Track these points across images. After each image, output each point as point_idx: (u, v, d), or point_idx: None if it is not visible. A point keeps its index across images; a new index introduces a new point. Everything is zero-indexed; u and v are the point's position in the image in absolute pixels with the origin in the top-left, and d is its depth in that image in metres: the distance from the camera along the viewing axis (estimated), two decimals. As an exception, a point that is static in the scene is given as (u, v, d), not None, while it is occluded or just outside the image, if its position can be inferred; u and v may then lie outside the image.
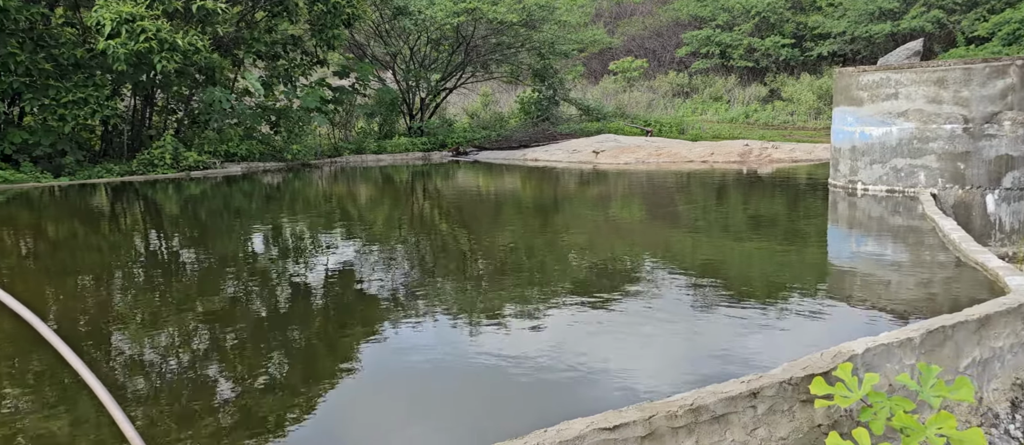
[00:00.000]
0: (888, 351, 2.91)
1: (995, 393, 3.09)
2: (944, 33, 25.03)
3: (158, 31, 12.31)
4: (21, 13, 11.85)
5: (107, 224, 9.20)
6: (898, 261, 6.35)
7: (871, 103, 7.95)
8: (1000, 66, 7.02)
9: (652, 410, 2.52)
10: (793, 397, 2.69)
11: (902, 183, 7.73)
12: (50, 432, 3.06)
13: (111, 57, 12.37)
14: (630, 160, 16.07)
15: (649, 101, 27.66)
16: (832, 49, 27.65)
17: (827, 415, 2.71)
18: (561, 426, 2.46)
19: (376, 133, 20.63)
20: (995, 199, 7.16)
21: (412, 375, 3.78)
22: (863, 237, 7.43)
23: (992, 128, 7.09)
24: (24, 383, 3.65)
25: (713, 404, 2.57)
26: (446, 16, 18.21)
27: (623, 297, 5.13)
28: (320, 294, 5.45)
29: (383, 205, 11.29)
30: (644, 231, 8.48)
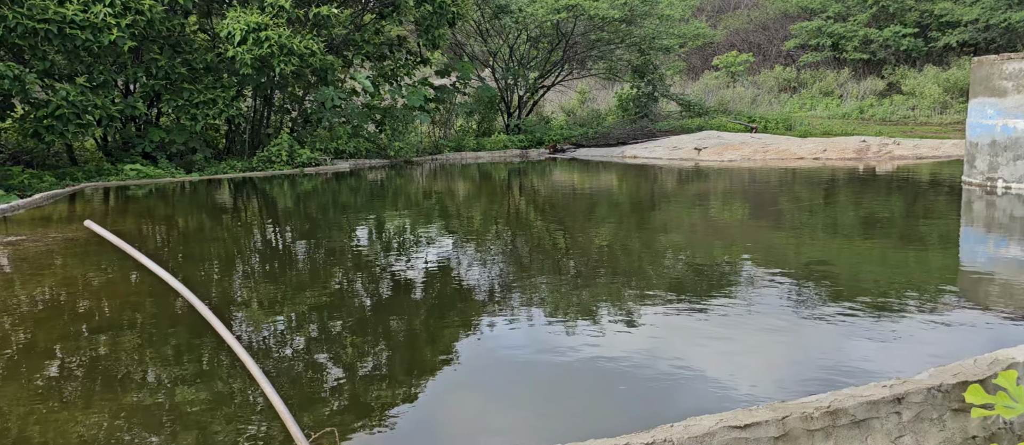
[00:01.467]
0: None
1: None
2: (1097, 17, 22.52)
3: (279, 38, 13.10)
4: (164, 24, 12.92)
5: (229, 217, 9.87)
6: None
7: (1017, 93, 7.28)
8: None
9: (786, 410, 2.41)
10: (944, 405, 2.49)
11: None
12: (200, 402, 3.31)
13: (239, 62, 13.28)
14: (735, 157, 15.49)
15: (753, 97, 26.56)
16: (962, 38, 25.49)
17: (983, 426, 2.50)
18: (689, 421, 2.39)
19: (475, 131, 20.98)
20: None
21: (508, 369, 3.80)
22: (1004, 239, 6.82)
23: None
24: (181, 359, 3.96)
25: (853, 407, 2.42)
26: (547, 13, 18.25)
27: (722, 299, 4.93)
28: (421, 287, 5.59)
29: (481, 201, 11.46)
30: (747, 231, 8.14)
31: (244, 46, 13.11)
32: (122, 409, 3.23)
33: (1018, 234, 7.03)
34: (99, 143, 14.36)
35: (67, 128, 11.81)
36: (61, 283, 5.61)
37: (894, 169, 13.17)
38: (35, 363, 3.84)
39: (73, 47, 11.68)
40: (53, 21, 11.27)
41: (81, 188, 11.80)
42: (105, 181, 12.43)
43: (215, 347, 4.04)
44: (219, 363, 3.84)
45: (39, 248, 6.92)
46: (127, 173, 12.87)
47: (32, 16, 11.11)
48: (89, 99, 11.88)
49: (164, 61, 13.20)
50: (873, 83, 26.31)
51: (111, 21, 11.64)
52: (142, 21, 12.15)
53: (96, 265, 6.26)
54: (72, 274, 5.98)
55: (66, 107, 11.63)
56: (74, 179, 12.25)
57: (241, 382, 3.54)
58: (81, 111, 11.82)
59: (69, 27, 11.39)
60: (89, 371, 3.74)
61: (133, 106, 13.10)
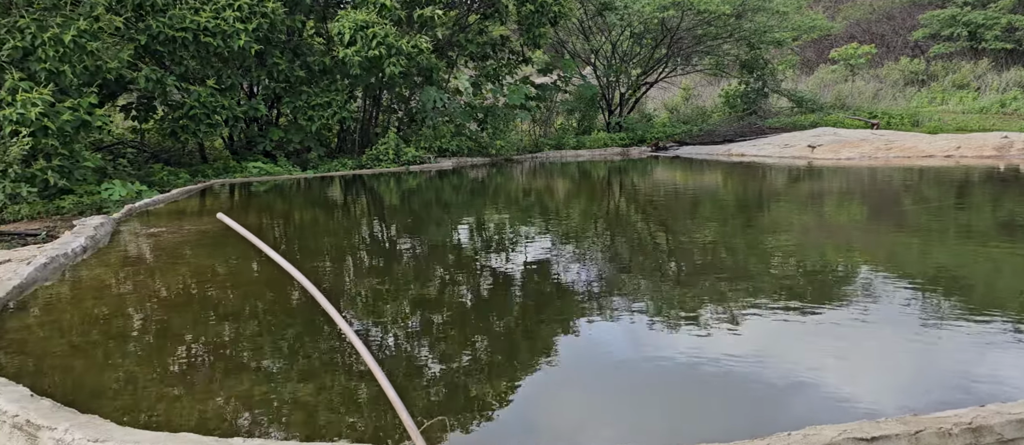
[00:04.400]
0: None
1: None
2: None
3: (387, 36, 13.58)
4: (284, 23, 13.76)
5: (341, 211, 10.34)
6: None
7: None
8: None
9: (919, 424, 2.21)
10: (1109, 429, 2.20)
11: None
12: (314, 389, 3.47)
13: (348, 63, 13.91)
14: (853, 155, 14.53)
15: (875, 91, 24.83)
16: (1125, 22, 22.65)
17: None
18: (808, 430, 2.25)
19: (575, 129, 20.88)
20: None
21: (608, 369, 3.73)
22: None
23: None
24: (299, 347, 4.18)
25: (999, 425, 2.19)
26: (653, 10, 17.87)
27: (836, 305, 4.61)
28: (519, 284, 5.61)
29: (580, 200, 11.38)
30: (866, 234, 7.59)
31: (354, 47, 13.70)
32: (240, 393, 3.44)
33: None
34: (226, 142, 15.48)
35: (199, 128, 12.80)
36: (194, 272, 6.08)
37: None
38: (166, 345, 4.17)
39: (206, 52, 12.64)
40: (189, 29, 12.24)
41: (210, 184, 12.76)
42: (231, 178, 13.37)
43: (331, 335, 4.23)
44: (335, 351, 4.02)
45: (176, 239, 7.53)
46: (250, 170, 13.79)
47: (172, 25, 12.12)
48: (218, 101, 12.82)
49: (284, 65, 14.04)
50: (1017, 74, 23.89)
51: (239, 26, 12.48)
52: (265, 23, 12.94)
53: (225, 255, 6.74)
54: (204, 263, 6.47)
55: (198, 108, 12.60)
56: (205, 175, 13.26)
57: (356, 371, 3.69)
58: (210, 112, 12.77)
59: (203, 34, 12.34)
60: (214, 355, 4.02)
61: (256, 107, 14.02)
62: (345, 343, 4.03)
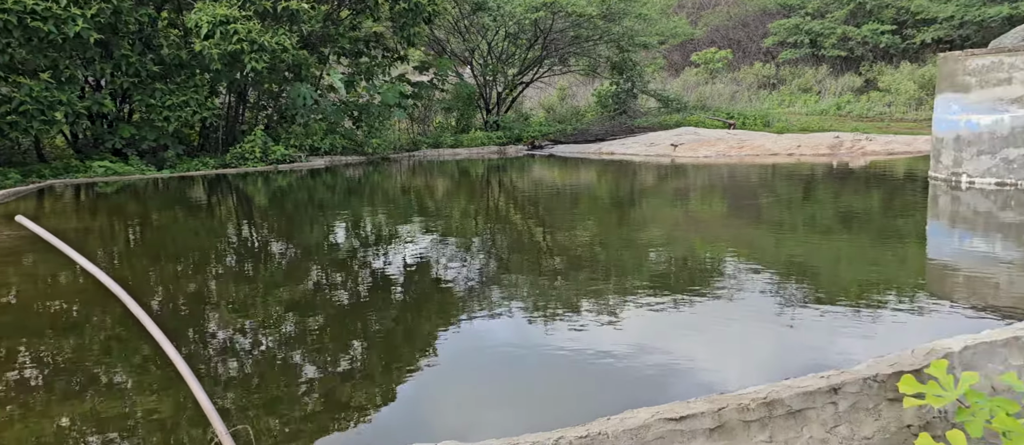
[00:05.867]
0: (991, 350, 2.66)
1: (1119, 401, 2.76)
2: (1067, 15, 22.85)
3: (248, 33, 12.92)
4: (131, 15, 12.70)
5: (200, 214, 9.73)
6: (1009, 259, 5.84)
7: (980, 89, 7.35)
8: None
9: (722, 402, 2.40)
10: (879, 395, 2.50)
11: (1015, 175, 7.12)
12: (131, 409, 3.24)
13: (207, 57, 13.10)
14: (710, 153, 15.56)
15: (732, 93, 26.72)
16: (937, 35, 25.80)
17: (918, 415, 2.50)
18: (625, 414, 2.38)
19: (453, 127, 20.90)
20: (1124, 193, 6.47)
21: (489, 365, 3.79)
22: (968, 234, 6.89)
23: (1122, 114, 6.41)
24: (112, 361, 3.88)
25: (789, 398, 2.42)
26: (525, 11, 18.20)
27: (704, 294, 4.95)
28: (398, 284, 5.55)
29: (459, 198, 11.41)
30: (724, 227, 8.17)
31: (211, 40, 12.92)
32: (45, 411, 3.15)
33: (981, 228, 7.11)
34: (68, 139, 14.12)
35: (31, 124, 11.58)
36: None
37: (866, 165, 13.29)
38: (-24, 362, 3.75)
39: (37, 40, 11.42)
40: (12, 11, 10.95)
41: (50, 184, 11.59)
42: (73, 178, 12.22)
43: (145, 342, 3.96)
44: (148, 360, 3.77)
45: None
46: (95, 170, 12.67)
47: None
48: (54, 95, 11.65)
49: (134, 58, 12.99)
50: (850, 80, 26.56)
51: (75, 12, 11.36)
52: (108, 9, 11.89)
53: (35, 263, 6.14)
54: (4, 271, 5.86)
55: (30, 103, 11.39)
56: (41, 176, 12.03)
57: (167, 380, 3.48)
58: (46, 107, 11.59)
59: (30, 18, 11.10)
60: (10, 370, 3.65)
61: (101, 102, 12.88)
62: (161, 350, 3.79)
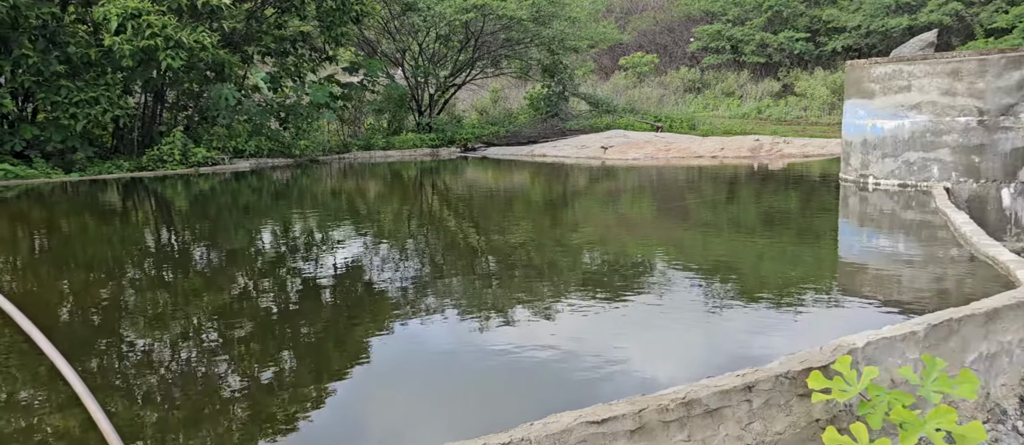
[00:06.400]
0: (890, 345, 2.82)
1: (1003, 389, 2.98)
2: (962, 26, 24.64)
3: (164, 28, 12.34)
4: (32, 11, 11.92)
5: (114, 219, 9.23)
6: (910, 256, 6.22)
7: (883, 96, 7.80)
8: (1016, 56, 6.86)
9: (643, 403, 2.45)
10: (790, 391, 2.61)
11: (915, 177, 7.59)
12: (26, 429, 3.04)
13: (117, 54, 12.43)
14: (638, 156, 15.94)
15: (660, 97, 27.46)
16: (846, 43, 27.29)
17: (826, 410, 2.63)
18: (549, 419, 2.39)
19: (385, 129, 20.63)
20: (1011, 193, 7.00)
21: (423, 370, 3.75)
22: (875, 232, 7.29)
23: (1008, 120, 6.93)
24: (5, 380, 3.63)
25: (706, 397, 2.49)
26: (455, 12, 18.15)
27: (636, 293, 5.07)
28: (329, 289, 5.42)
29: (391, 201, 11.26)
30: (654, 227, 8.38)
31: (123, 35, 12.27)
32: (-54, 435, 2.92)
33: (886, 227, 7.56)
34: (-36, 142, 13.15)
35: (-82, 125, 10.71)
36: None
37: (784, 167, 13.92)
38: None
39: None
40: None
41: (-60, 191, 10.75)
42: (-32, 183, 11.38)
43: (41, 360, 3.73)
44: (41, 378, 3.55)
45: None
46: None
47: None
48: (-54, 94, 10.82)
49: (35, 56, 12.19)
50: (769, 85, 27.76)
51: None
52: (4, 7, 11.14)
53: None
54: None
55: (-82, 102, 10.54)
56: (-69, 181, 11.15)
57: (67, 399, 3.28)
58: (-64, 107, 10.75)
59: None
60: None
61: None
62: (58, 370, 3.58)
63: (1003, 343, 3.07)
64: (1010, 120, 6.91)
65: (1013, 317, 3.13)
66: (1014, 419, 2.81)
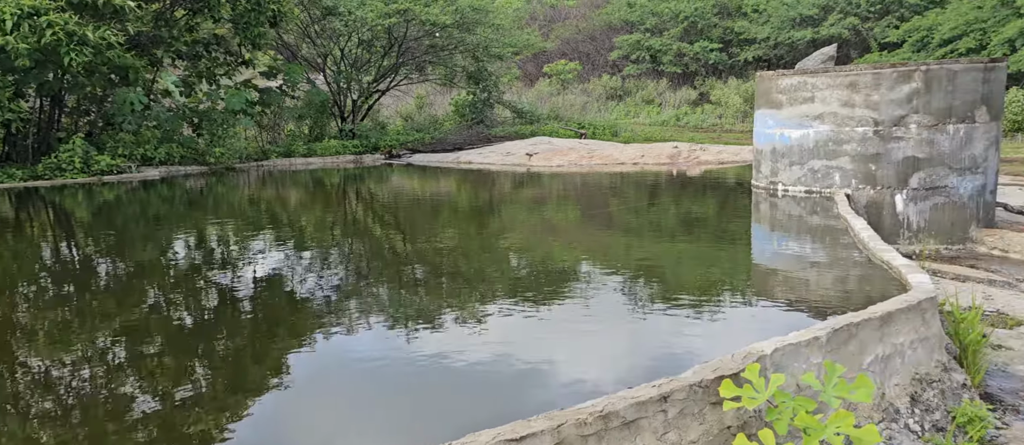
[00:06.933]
0: (796, 350, 2.94)
1: (896, 388, 3.18)
2: (859, 39, 26.31)
3: (66, 23, 11.57)
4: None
5: (4, 232, 8.56)
6: (817, 260, 6.55)
7: (790, 106, 8.20)
8: (906, 71, 7.35)
9: (561, 418, 2.46)
10: (703, 400, 2.68)
11: (819, 184, 8.00)
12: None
13: (12, 53, 11.56)
14: (563, 162, 16.17)
15: (583, 104, 27.98)
16: (757, 54, 28.65)
17: (737, 417, 2.72)
18: (466, 438, 2.36)
19: (306, 136, 20.08)
20: (903, 199, 7.50)
21: (346, 381, 3.67)
22: (784, 237, 7.65)
23: (899, 131, 7.42)
24: None
25: (623, 410, 2.53)
26: (377, 17, 17.89)
27: (563, 298, 5.13)
28: (246, 303, 5.20)
29: (313, 209, 10.96)
30: (579, 232, 8.50)
31: (19, 33, 11.42)
32: None
33: (794, 231, 7.94)
34: None
35: None
36: None
37: (701, 173, 14.44)
38: None
39: None
40: None
41: None
42: None
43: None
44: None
45: None
46: None
47: None
48: None
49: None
50: (687, 93, 28.79)
51: None
52: None
53: None
54: None
55: None
56: None
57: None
58: None
59: None
60: None
61: None
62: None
63: (896, 345, 3.27)
64: (901, 131, 7.40)
65: (905, 320, 3.34)
66: (906, 417, 3.00)
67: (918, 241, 7.45)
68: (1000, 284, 5.77)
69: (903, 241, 7.49)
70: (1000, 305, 5.07)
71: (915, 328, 3.38)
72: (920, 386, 3.21)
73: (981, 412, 3.04)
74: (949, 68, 7.21)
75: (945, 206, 7.40)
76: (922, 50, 22.93)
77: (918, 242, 7.44)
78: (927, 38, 22.76)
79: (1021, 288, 5.61)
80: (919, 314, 3.40)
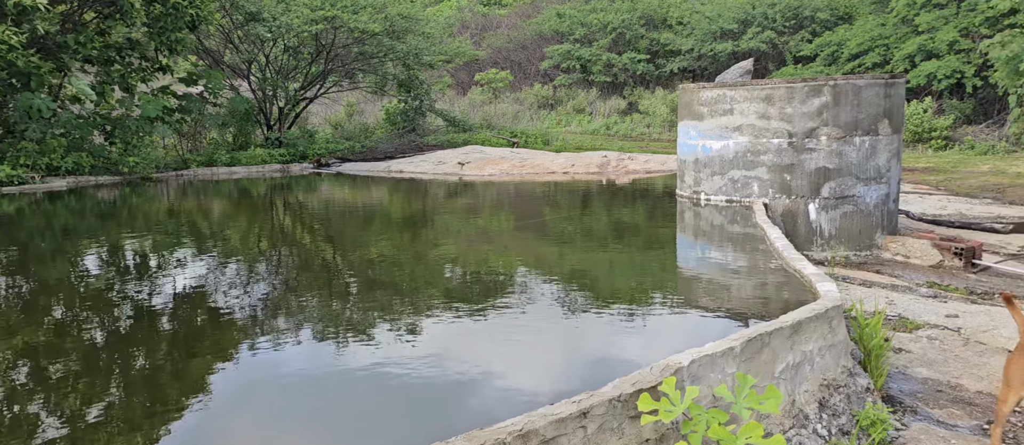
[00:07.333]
0: (712, 361, 3.02)
1: (805, 395, 3.31)
2: (776, 52, 27.57)
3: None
4: None
5: None
6: (738, 268, 6.79)
7: (711, 118, 8.49)
8: (816, 85, 7.73)
9: (480, 439, 2.44)
10: (623, 414, 2.71)
11: (739, 193, 8.30)
12: None
13: None
14: (495, 171, 16.21)
15: (515, 112, 28.16)
16: (682, 65, 29.59)
17: (655, 430, 2.76)
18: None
19: (230, 144, 19.40)
20: (816, 208, 7.87)
21: (272, 398, 3.54)
22: (707, 245, 7.89)
23: (811, 142, 7.79)
24: None
25: (543, 428, 2.53)
26: (303, 23, 17.48)
27: (498, 306, 5.13)
28: (164, 319, 4.94)
29: (238, 219, 10.57)
30: (513, 241, 8.53)
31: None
32: None
33: (717, 239, 8.21)
34: None
35: None
36: None
37: (629, 182, 14.76)
38: None
39: None
40: None
41: None
42: None
43: None
44: None
45: None
46: None
47: None
48: None
49: None
50: (616, 102, 29.41)
51: None
52: None
53: None
54: None
55: None
56: None
57: None
58: None
59: None
60: None
61: None
62: None
63: (805, 352, 3.41)
64: (813, 142, 7.78)
65: (814, 328, 3.49)
66: (815, 423, 3.13)
67: (830, 248, 7.83)
68: (902, 289, 6.13)
69: (816, 248, 7.85)
70: (901, 309, 5.38)
71: (823, 335, 3.54)
72: (828, 391, 3.36)
73: (882, 415, 3.21)
74: (854, 83, 7.63)
75: (853, 214, 7.82)
76: (833, 63, 24.22)
77: (830, 249, 7.82)
78: (837, 52, 24.06)
79: (920, 293, 5.97)
80: (826, 322, 3.57)
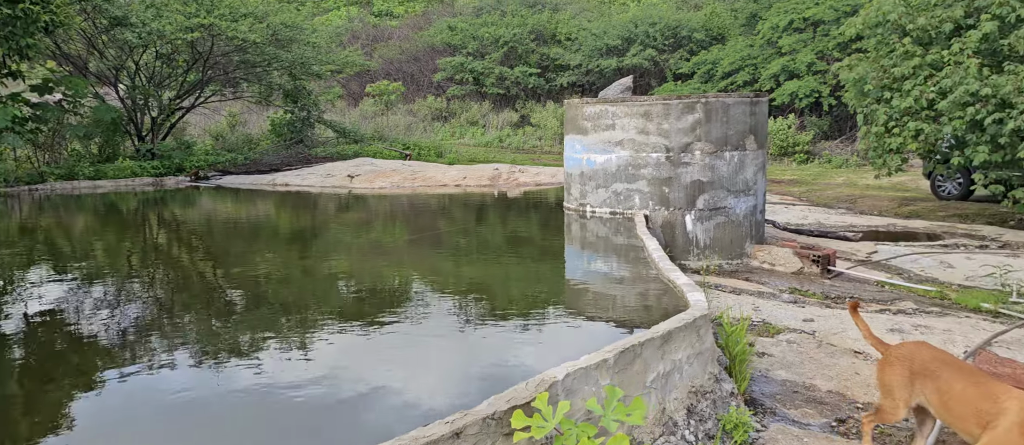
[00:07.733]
0: (586, 374, 3.09)
1: (675, 402, 3.46)
2: (657, 69, 28.98)
3: None
4: None
5: None
6: (620, 278, 7.03)
7: (594, 133, 8.76)
8: (690, 102, 8.17)
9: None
10: (497, 432, 2.72)
11: (621, 206, 8.61)
12: None
13: None
14: (386, 184, 15.95)
15: (408, 124, 27.90)
16: (571, 80, 30.48)
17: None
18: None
19: (95, 156, 17.92)
20: (692, 219, 8.30)
21: (145, 426, 3.26)
22: (594, 255, 8.12)
23: (687, 157, 8.22)
24: None
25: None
26: (177, 30, 16.47)
27: (391, 320, 5.05)
28: (16, 345, 4.46)
29: (103, 237, 9.75)
30: (406, 254, 8.42)
31: None
32: None
33: (602, 250, 8.48)
34: None
35: None
36: None
37: (520, 194, 14.97)
38: None
39: None
40: None
41: None
42: None
43: None
44: None
45: None
46: None
47: None
48: None
49: None
50: (509, 115, 29.82)
51: None
52: None
53: None
54: None
55: None
56: None
57: None
58: None
59: None
60: None
61: None
62: None
63: (675, 361, 3.56)
64: (688, 157, 8.22)
65: (683, 337, 3.66)
66: (683, 429, 3.28)
67: (705, 257, 8.27)
68: (767, 295, 6.57)
69: (693, 258, 8.27)
70: (766, 315, 5.77)
71: (692, 344, 3.72)
72: (696, 398, 3.53)
73: (744, 418, 3.40)
74: (723, 101, 8.14)
75: (725, 225, 8.31)
76: (709, 81, 25.78)
77: (705, 258, 8.26)
78: (712, 70, 25.64)
79: (783, 299, 6.43)
80: (694, 331, 3.75)
